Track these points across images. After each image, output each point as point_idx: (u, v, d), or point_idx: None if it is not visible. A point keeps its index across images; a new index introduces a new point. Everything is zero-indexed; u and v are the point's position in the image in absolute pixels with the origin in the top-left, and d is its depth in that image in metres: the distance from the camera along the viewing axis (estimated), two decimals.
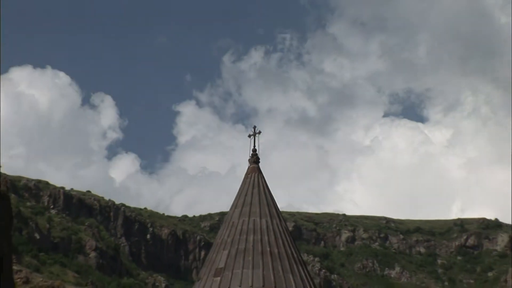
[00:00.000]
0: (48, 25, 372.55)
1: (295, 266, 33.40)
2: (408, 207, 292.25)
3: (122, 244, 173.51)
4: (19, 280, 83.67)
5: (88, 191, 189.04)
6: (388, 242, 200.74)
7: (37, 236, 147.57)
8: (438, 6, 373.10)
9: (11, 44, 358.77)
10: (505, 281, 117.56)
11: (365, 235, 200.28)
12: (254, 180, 35.35)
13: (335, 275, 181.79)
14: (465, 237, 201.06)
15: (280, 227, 34.42)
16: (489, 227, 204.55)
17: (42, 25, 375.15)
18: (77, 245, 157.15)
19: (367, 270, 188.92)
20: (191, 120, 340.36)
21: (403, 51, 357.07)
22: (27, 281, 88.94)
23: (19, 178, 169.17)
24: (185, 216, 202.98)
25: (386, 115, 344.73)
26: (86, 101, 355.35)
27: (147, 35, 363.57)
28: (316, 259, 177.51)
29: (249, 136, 36.47)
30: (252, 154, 35.76)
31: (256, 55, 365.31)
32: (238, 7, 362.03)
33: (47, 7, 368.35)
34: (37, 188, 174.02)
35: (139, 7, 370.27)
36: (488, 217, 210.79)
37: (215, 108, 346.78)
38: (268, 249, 33.11)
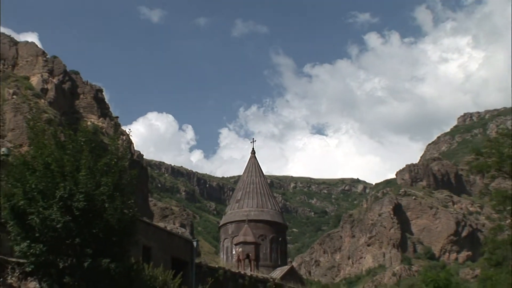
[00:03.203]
0: (163, 81, 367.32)
1: (270, 198, 33.69)
2: (320, 172, 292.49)
3: (196, 189, 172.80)
4: (151, 204, 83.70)
5: (181, 166, 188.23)
6: (311, 187, 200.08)
7: (159, 185, 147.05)
8: (331, 86, 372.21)
9: (149, 97, 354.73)
10: (362, 205, 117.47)
11: (301, 185, 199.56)
12: (253, 162, 35.63)
13: (288, 202, 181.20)
14: (344, 185, 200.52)
15: (264, 182, 34.70)
16: (354, 181, 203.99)
17: (163, 83, 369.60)
18: (176, 189, 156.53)
19: (302, 200, 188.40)
20: (225, 136, 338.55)
21: (315, 106, 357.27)
22: (154, 205, 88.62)
23: (151, 160, 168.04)
24: (223, 177, 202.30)
25: (310, 133, 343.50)
26: (180, 128, 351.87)
27: (204, 99, 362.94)
28: (280, 195, 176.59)
29: (251, 142, 36.90)
30: (252, 150, 36.14)
31: (253, 108, 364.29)
32: (245, 87, 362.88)
33: (157, 71, 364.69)
34: (159, 165, 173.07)
35: (198, 81, 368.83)
36: (354, 177, 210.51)
37: (236, 131, 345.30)
38: (259, 191, 33.40)
